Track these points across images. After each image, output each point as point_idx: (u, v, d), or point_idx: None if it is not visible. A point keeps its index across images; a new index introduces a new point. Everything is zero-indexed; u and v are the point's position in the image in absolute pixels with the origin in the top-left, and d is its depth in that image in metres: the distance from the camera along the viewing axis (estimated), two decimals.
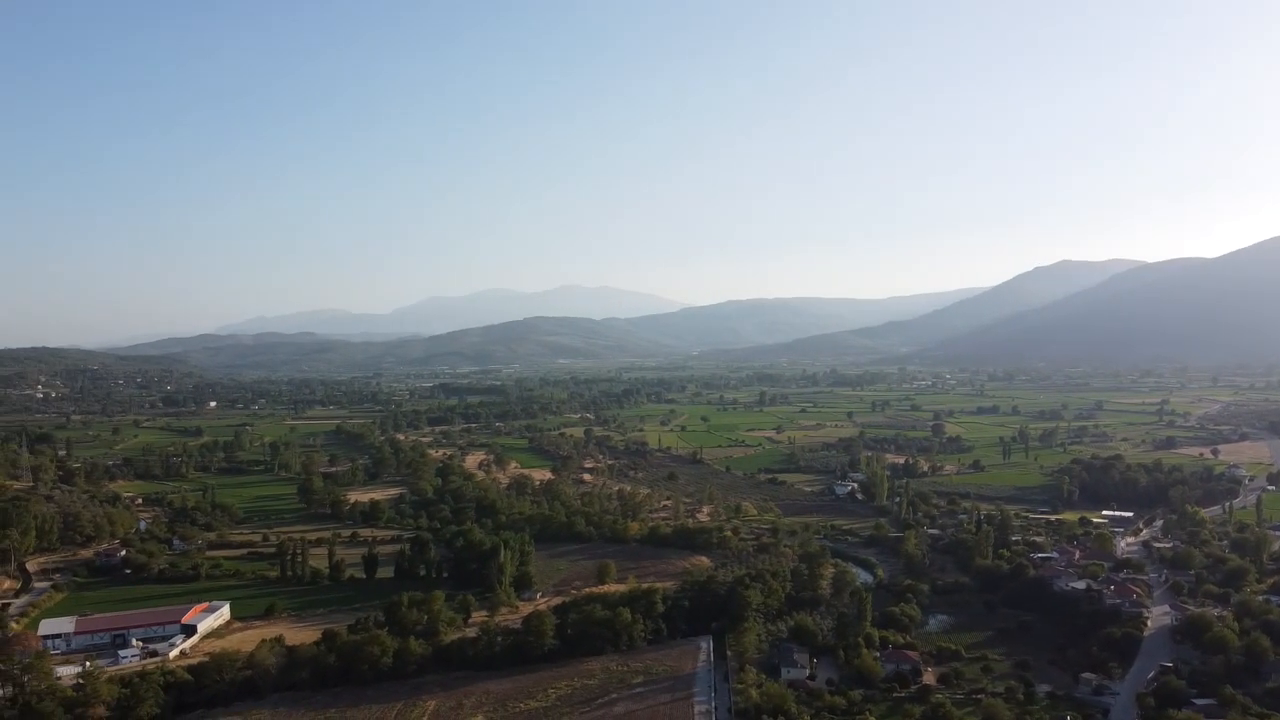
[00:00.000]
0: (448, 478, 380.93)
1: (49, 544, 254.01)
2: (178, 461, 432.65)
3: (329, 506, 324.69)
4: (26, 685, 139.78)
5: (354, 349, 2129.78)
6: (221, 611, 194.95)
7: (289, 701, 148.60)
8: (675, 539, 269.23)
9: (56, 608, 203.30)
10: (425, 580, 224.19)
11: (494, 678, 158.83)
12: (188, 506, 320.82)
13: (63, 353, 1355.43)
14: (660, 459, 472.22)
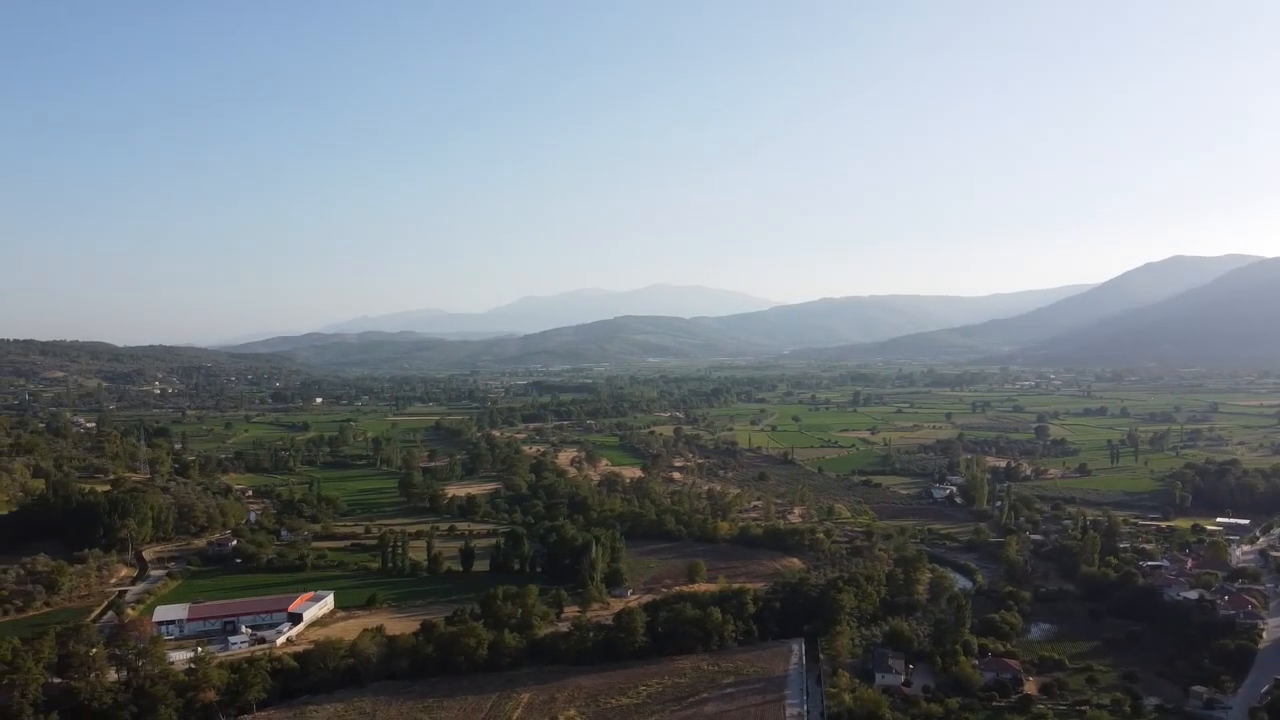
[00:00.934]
0: (541, 474, 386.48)
1: (165, 534, 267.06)
2: (285, 455, 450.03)
3: (428, 500, 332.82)
4: (141, 669, 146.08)
5: (452, 347, 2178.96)
6: (326, 601, 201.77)
7: (389, 690, 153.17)
8: (766, 540, 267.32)
9: (171, 595, 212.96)
10: (519, 574, 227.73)
11: (586, 673, 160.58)
12: (295, 499, 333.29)
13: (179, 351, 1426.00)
14: (750, 459, 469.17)
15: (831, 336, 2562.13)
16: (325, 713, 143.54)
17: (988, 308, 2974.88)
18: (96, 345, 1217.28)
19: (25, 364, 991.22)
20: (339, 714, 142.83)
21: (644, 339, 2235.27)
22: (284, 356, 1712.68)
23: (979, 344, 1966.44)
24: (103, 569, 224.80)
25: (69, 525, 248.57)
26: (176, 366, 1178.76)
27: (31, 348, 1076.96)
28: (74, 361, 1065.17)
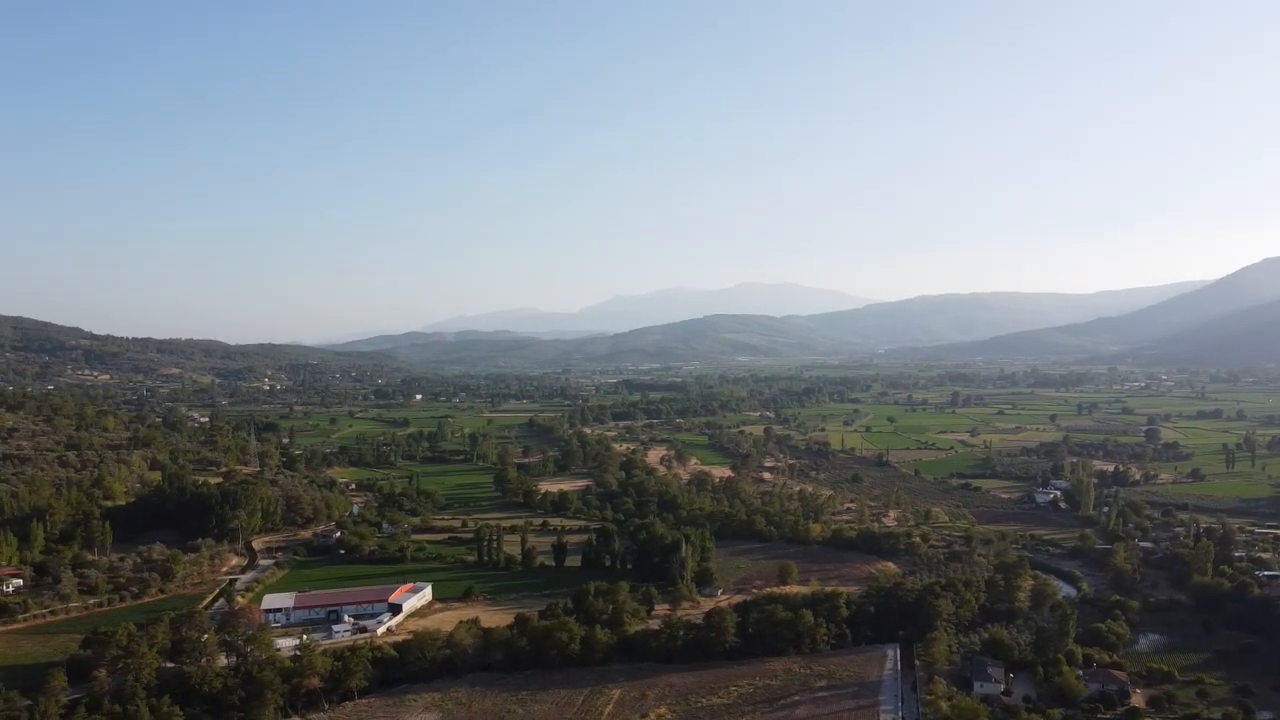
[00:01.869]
0: (631, 472, 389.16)
1: (273, 524, 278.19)
2: (387, 450, 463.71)
3: (522, 496, 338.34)
4: (249, 655, 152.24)
5: (545, 346, 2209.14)
6: (424, 592, 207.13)
7: (484, 681, 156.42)
8: (859, 543, 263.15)
9: (278, 584, 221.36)
10: (610, 571, 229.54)
11: (676, 671, 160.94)
12: (395, 492, 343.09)
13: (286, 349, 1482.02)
14: (843, 460, 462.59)
15: (929, 335, 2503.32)
16: (423, 702, 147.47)
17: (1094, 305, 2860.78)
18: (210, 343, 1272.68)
19: (144, 361, 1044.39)
20: (436, 703, 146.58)
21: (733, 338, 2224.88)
22: (385, 354, 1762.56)
23: (1085, 343, 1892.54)
24: (215, 558, 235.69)
25: (183, 515, 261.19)
26: (284, 364, 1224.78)
27: (149, 345, 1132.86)
28: (189, 359, 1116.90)
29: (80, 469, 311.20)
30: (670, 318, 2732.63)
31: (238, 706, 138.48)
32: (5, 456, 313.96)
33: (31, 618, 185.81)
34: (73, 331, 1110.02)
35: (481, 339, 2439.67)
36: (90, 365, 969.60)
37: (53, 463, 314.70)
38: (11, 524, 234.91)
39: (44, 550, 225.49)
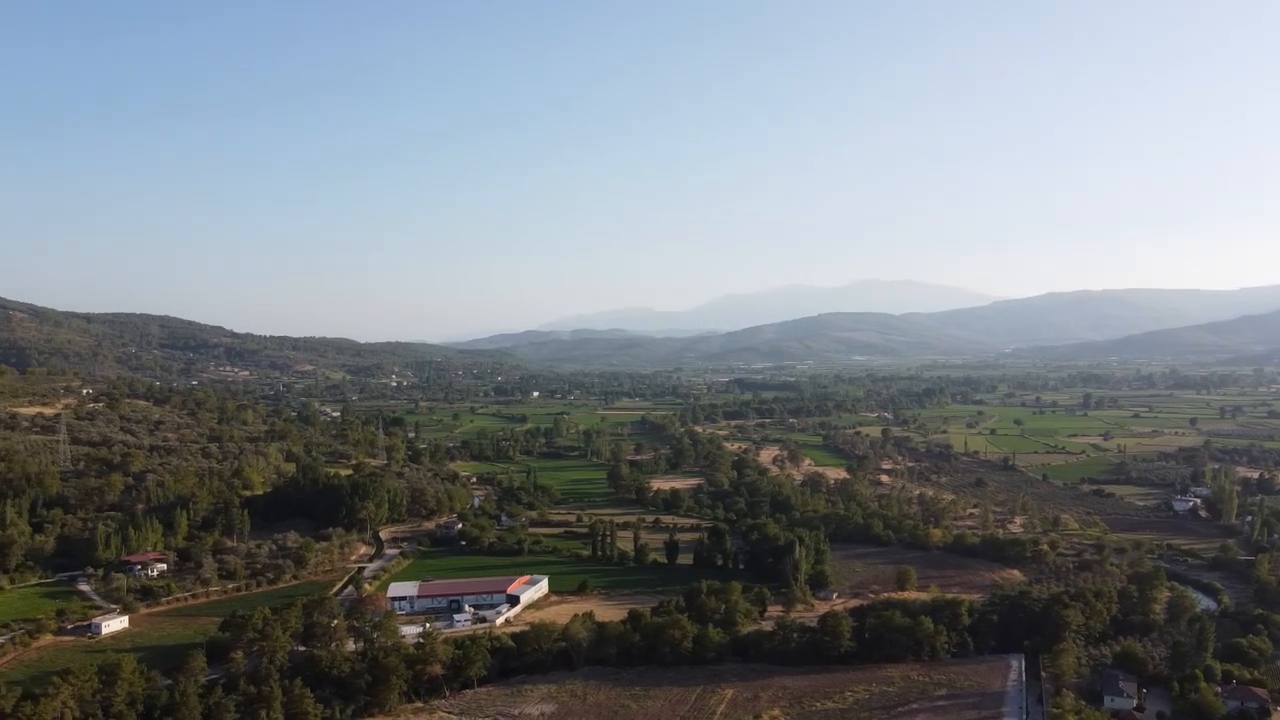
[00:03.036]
0: (743, 471, 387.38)
1: (398, 515, 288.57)
2: (506, 445, 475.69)
3: (634, 493, 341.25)
4: (376, 641, 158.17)
5: (657, 345, 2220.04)
6: (541, 585, 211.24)
7: (598, 675, 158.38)
8: (983, 549, 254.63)
9: (403, 573, 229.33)
10: (722, 570, 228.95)
11: (790, 673, 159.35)
12: (514, 486, 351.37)
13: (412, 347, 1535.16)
14: (966, 463, 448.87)
15: (1058, 334, 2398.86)
16: (539, 693, 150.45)
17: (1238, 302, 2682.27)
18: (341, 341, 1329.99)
19: (280, 358, 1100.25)
20: (552, 695, 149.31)
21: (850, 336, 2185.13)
22: (505, 353, 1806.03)
23: (1228, 342, 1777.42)
24: (344, 547, 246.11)
25: (316, 505, 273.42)
26: (411, 361, 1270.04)
27: (286, 344, 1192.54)
28: (322, 356, 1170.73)
29: (221, 460, 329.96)
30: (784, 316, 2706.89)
31: (364, 690, 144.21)
32: (153, 448, 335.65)
33: (174, 600, 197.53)
34: (215, 330, 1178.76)
35: (596, 338, 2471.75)
36: (231, 362, 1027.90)
37: (196, 454, 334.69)
38: (158, 511, 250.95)
39: (187, 536, 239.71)
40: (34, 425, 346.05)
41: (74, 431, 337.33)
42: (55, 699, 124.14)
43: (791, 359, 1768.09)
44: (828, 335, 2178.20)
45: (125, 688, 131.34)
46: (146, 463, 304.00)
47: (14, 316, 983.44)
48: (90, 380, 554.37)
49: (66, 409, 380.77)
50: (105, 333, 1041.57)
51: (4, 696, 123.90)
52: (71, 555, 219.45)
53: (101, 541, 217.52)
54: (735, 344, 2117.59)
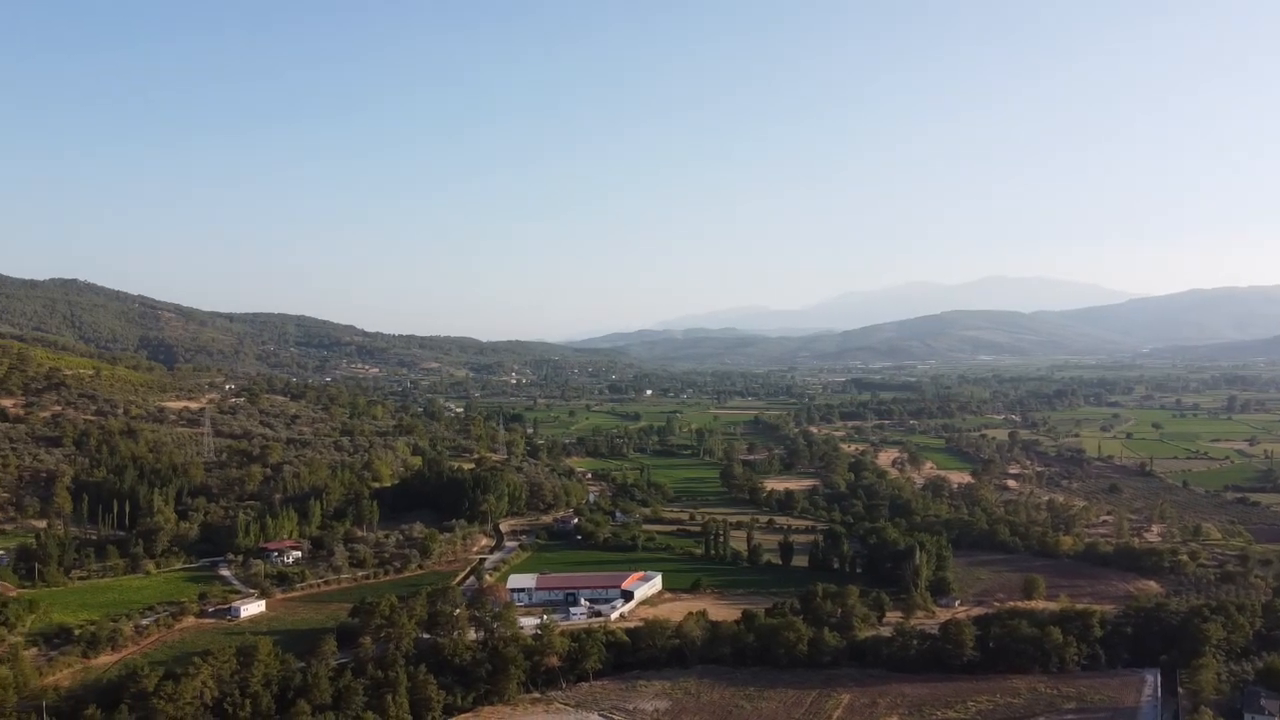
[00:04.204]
0: (860, 473, 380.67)
1: (517, 509, 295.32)
2: (620, 442, 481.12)
3: (747, 492, 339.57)
4: (495, 631, 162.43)
5: (771, 344, 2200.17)
6: (655, 581, 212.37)
7: (712, 674, 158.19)
8: (1116, 558, 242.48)
9: (521, 565, 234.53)
10: (838, 574, 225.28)
11: (908, 680, 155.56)
12: (628, 483, 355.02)
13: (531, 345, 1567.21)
14: (1099, 468, 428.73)
15: (1201, 333, 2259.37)
16: (654, 689, 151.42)
17: None
18: (464, 340, 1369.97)
19: (408, 356, 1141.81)
20: (666, 691, 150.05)
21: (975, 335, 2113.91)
22: (619, 351, 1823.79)
23: None
24: (466, 538, 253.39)
25: (440, 497, 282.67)
26: (529, 360, 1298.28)
27: (412, 342, 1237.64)
28: (446, 354, 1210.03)
29: (352, 453, 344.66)
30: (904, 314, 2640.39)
31: (484, 679, 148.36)
32: (289, 440, 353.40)
33: (307, 586, 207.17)
34: (347, 329, 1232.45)
35: (709, 337, 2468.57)
36: (362, 359, 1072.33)
37: (329, 447, 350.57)
38: (293, 501, 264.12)
39: (320, 526, 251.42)
40: (180, 418, 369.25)
41: (217, 425, 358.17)
42: (196, 678, 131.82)
43: (912, 358, 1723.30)
44: (951, 334, 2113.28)
45: (261, 669, 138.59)
46: (283, 455, 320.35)
47: (163, 316, 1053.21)
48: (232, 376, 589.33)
49: (210, 403, 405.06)
50: (246, 331, 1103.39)
51: (147, 676, 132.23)
52: (214, 541, 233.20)
53: (241, 529, 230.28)
54: (852, 343, 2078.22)
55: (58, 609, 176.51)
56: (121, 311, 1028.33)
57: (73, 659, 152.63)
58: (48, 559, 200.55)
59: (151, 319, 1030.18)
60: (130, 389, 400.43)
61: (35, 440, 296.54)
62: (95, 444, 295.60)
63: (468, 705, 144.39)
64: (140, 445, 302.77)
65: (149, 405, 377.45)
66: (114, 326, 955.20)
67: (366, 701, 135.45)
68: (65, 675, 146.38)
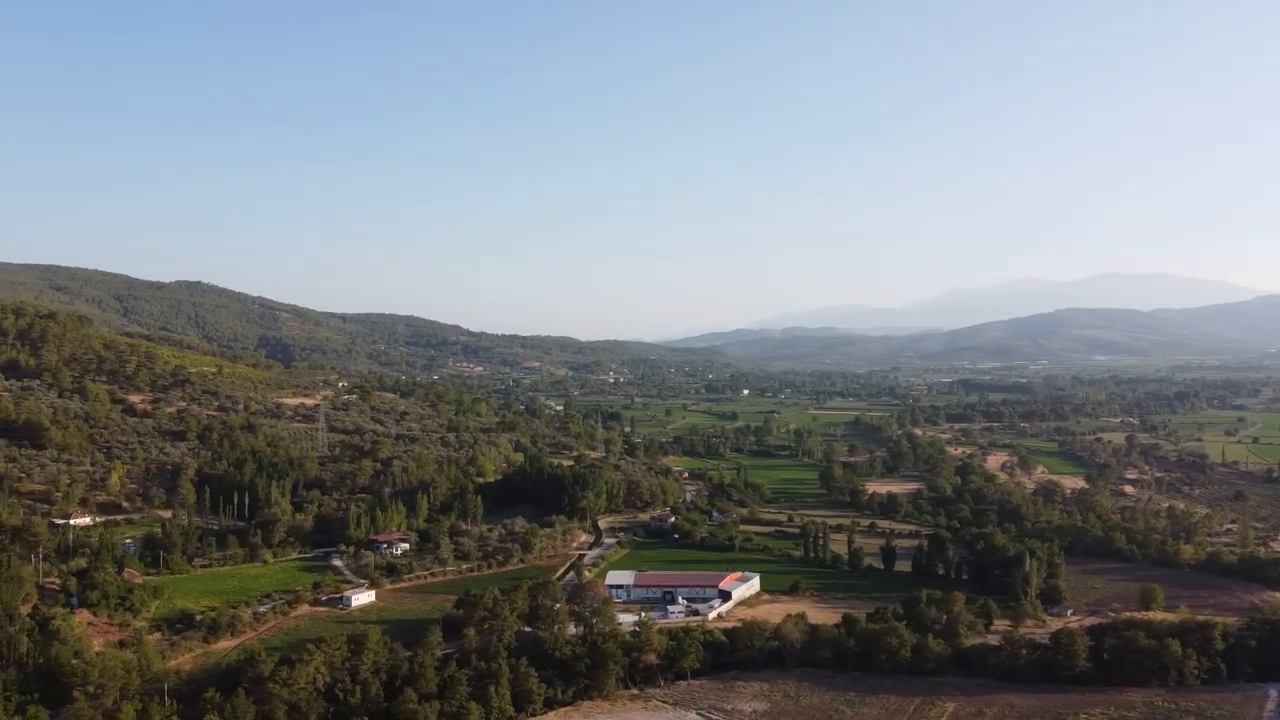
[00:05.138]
0: (967, 477, 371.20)
1: (615, 506, 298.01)
2: (716, 442, 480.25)
3: (848, 495, 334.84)
4: (594, 627, 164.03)
5: (872, 343, 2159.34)
6: (753, 582, 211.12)
7: (811, 677, 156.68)
8: (1240, 569, 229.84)
9: (619, 562, 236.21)
10: (943, 580, 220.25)
11: (1016, 691, 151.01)
12: (725, 483, 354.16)
13: (628, 345, 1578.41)
14: (1223, 474, 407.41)
15: None
16: (752, 690, 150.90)
17: None
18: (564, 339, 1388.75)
19: (510, 355, 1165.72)
20: (764, 693, 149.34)
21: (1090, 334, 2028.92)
22: (715, 351, 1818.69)
23: None
24: (566, 534, 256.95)
25: (540, 493, 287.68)
26: (626, 359, 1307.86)
27: (515, 341, 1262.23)
28: (547, 353, 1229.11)
29: (458, 449, 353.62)
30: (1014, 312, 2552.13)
31: (584, 674, 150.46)
32: (399, 436, 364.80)
33: (414, 578, 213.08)
34: (453, 329, 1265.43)
35: (807, 336, 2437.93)
36: (466, 358, 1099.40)
37: (436, 443, 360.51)
38: (402, 494, 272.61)
39: (427, 519, 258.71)
40: (297, 414, 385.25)
41: (331, 421, 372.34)
42: (309, 665, 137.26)
43: (1023, 359, 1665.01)
44: (1064, 333, 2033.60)
45: (371, 657, 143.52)
46: (393, 450, 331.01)
47: (280, 316, 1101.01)
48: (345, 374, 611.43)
49: (325, 400, 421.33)
50: (358, 331, 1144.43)
51: (264, 661, 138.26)
52: (327, 533, 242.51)
53: (353, 521, 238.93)
54: (959, 342, 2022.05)
55: (181, 595, 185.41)
56: (242, 312, 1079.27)
57: (194, 644, 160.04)
58: (172, 547, 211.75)
59: (270, 319, 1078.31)
60: (250, 386, 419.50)
61: (162, 434, 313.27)
62: (217, 438, 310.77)
63: (567, 699, 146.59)
64: (259, 440, 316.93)
65: (267, 401, 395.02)
66: (235, 326, 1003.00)
67: (470, 692, 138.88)
68: (187, 659, 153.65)
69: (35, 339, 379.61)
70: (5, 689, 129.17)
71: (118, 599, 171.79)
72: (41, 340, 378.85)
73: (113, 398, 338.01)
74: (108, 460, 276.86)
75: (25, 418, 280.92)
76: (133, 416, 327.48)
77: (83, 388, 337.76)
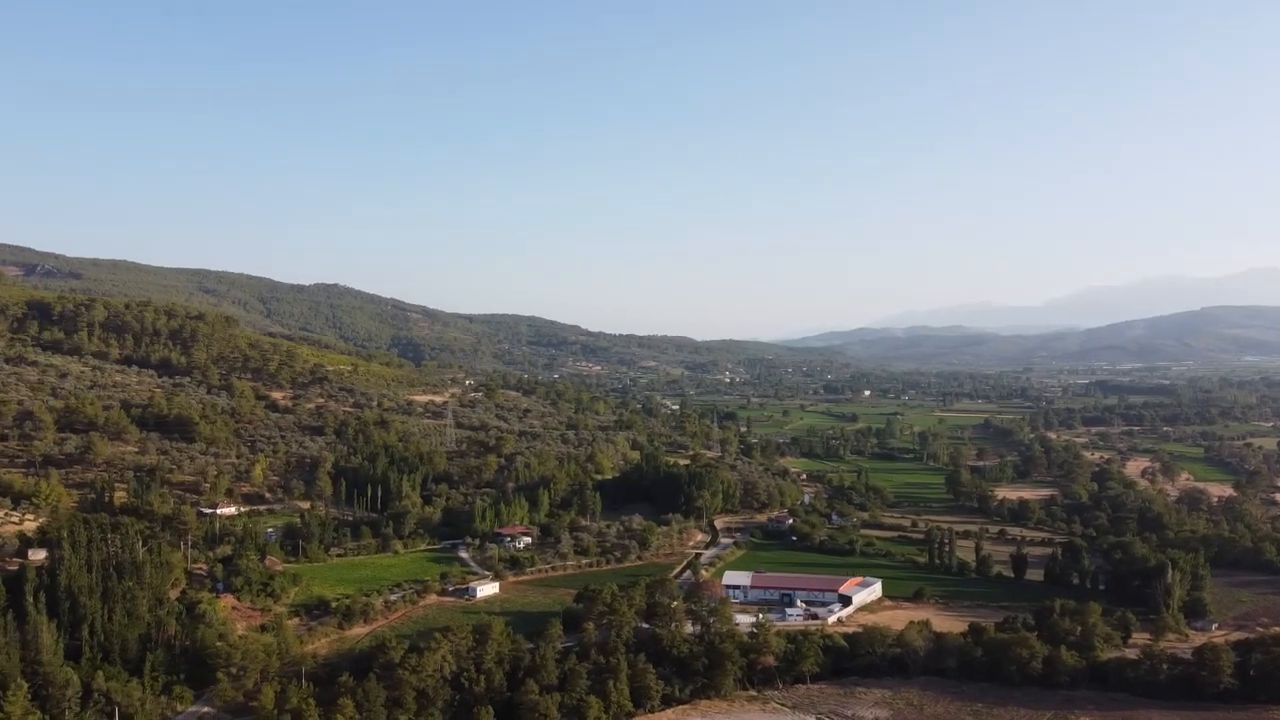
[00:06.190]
0: (1105, 483, 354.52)
1: (731, 506, 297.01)
2: (835, 444, 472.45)
3: (976, 500, 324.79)
4: (711, 626, 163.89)
5: (1003, 343, 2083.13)
6: (874, 588, 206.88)
7: (935, 686, 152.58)
8: None
9: (736, 562, 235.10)
10: (1077, 590, 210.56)
11: (1156, 707, 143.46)
12: (844, 486, 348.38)
13: (745, 345, 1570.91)
14: None
15: None
16: (873, 697, 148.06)
17: None
18: (680, 339, 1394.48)
19: (627, 355, 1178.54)
20: (886, 700, 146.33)
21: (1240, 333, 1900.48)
22: (835, 350, 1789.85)
23: None
24: (682, 532, 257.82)
25: (656, 492, 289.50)
26: (743, 358, 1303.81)
27: (632, 341, 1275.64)
28: (663, 353, 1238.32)
29: (577, 446, 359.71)
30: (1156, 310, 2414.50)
31: (701, 673, 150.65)
32: (521, 433, 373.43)
33: (536, 571, 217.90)
34: (572, 329, 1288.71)
35: (932, 335, 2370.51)
36: (585, 358, 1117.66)
37: (556, 440, 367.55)
38: (524, 489, 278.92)
39: (548, 514, 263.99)
40: (426, 411, 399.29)
41: (458, 417, 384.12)
42: (437, 653, 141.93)
43: (1165, 359, 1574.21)
44: (1212, 332, 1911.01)
45: (494, 647, 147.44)
46: (516, 446, 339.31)
47: (411, 317, 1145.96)
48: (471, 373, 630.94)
49: (452, 397, 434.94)
50: (483, 331, 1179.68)
51: (394, 647, 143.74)
52: (453, 525, 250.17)
53: (478, 514, 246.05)
54: (1096, 342, 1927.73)
55: (318, 583, 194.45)
56: (376, 313, 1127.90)
57: (330, 629, 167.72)
58: (310, 537, 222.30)
59: (401, 320, 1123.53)
60: (383, 384, 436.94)
61: (301, 429, 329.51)
62: (352, 433, 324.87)
63: (685, 697, 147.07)
64: (391, 435, 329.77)
65: (399, 399, 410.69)
66: (369, 327, 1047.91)
67: (589, 685, 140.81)
68: (323, 644, 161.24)
69: (186, 339, 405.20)
70: (154, 669, 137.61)
71: (260, 585, 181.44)
72: (192, 340, 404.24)
73: (257, 394, 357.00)
74: (252, 453, 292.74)
75: (177, 413, 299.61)
76: (275, 412, 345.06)
77: (229, 385, 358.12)
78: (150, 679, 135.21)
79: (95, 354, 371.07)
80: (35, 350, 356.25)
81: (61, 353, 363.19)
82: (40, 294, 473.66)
